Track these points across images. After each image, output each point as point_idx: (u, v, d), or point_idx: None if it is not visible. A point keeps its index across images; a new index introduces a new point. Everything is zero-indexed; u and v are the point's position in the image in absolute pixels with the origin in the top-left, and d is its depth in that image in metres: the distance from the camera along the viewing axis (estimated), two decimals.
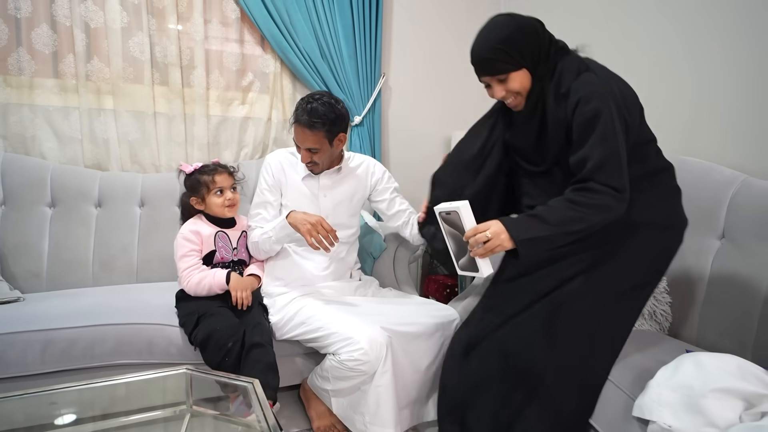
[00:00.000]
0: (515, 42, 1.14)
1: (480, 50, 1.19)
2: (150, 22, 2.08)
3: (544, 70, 1.15)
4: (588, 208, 1.06)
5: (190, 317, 1.46)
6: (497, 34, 1.16)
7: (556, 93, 1.14)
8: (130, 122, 2.10)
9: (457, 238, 1.17)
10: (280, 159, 1.72)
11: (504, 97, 1.20)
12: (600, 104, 1.06)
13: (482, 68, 1.20)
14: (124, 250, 1.97)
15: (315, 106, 1.52)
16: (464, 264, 1.17)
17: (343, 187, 1.74)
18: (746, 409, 0.89)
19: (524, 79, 1.16)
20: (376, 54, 2.44)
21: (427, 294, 2.75)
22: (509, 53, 1.13)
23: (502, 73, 1.16)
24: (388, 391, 1.37)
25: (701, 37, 1.75)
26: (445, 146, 2.77)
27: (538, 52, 1.15)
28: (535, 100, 1.17)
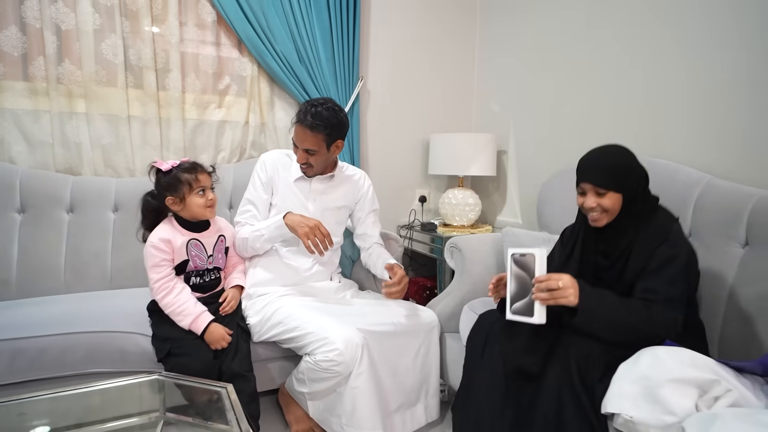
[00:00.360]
0: (625, 171, 1.27)
1: (594, 162, 1.30)
2: (123, 24, 2.05)
3: (640, 209, 1.28)
4: (650, 318, 1.14)
5: (162, 344, 1.42)
6: (615, 158, 1.29)
7: (648, 230, 1.25)
8: (103, 126, 2.06)
9: (521, 281, 1.21)
10: (275, 158, 1.75)
11: (592, 209, 1.29)
12: (678, 254, 1.20)
13: (588, 176, 1.29)
14: (97, 257, 1.93)
15: (320, 110, 1.57)
16: (518, 307, 1.20)
17: (333, 195, 1.76)
18: (701, 396, 0.93)
19: (617, 203, 1.27)
20: (353, 58, 2.45)
21: (407, 296, 2.76)
22: (617, 176, 1.25)
23: (603, 188, 1.26)
24: (363, 393, 1.37)
25: (669, 44, 1.81)
26: (423, 150, 2.79)
27: (636, 188, 1.28)
28: (629, 240, 1.27)
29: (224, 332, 1.46)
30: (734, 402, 0.94)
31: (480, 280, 1.86)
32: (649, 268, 1.21)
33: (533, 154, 2.50)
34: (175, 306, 1.44)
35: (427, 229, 2.56)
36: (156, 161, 1.55)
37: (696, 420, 0.87)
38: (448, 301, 1.81)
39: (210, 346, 1.44)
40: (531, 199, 2.40)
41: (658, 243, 1.21)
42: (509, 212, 2.67)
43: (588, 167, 1.30)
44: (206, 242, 1.57)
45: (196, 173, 1.52)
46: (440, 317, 1.75)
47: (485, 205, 2.78)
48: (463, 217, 2.54)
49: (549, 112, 2.37)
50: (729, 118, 1.64)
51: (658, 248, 1.21)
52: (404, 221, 2.78)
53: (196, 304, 1.47)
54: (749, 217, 1.40)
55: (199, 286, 1.55)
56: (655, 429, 0.94)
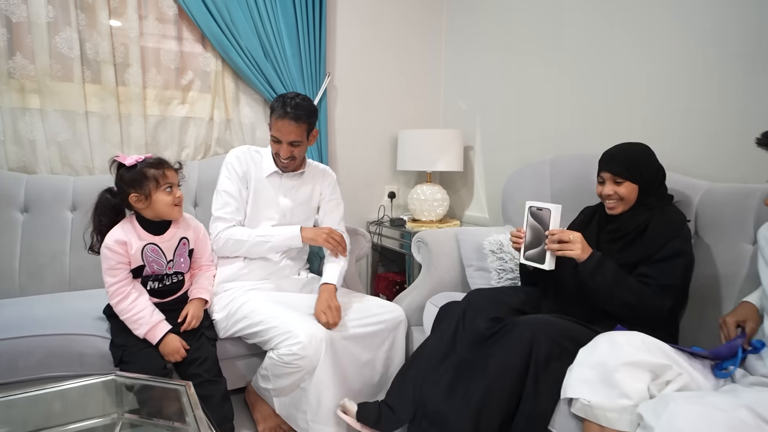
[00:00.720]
0: (644, 164, 1.37)
1: (615, 153, 1.40)
2: (79, 17, 1.98)
3: (653, 201, 1.38)
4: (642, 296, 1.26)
5: (116, 351, 1.38)
6: (635, 151, 1.39)
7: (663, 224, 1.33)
8: (59, 122, 1.99)
9: (536, 232, 1.35)
10: (246, 153, 1.72)
11: (609, 197, 1.39)
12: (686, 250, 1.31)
13: (609, 165, 1.39)
14: (55, 258, 1.87)
15: (297, 101, 1.60)
16: (531, 254, 1.36)
17: (303, 190, 1.76)
18: (653, 380, 0.97)
19: (633, 192, 1.37)
20: (320, 53, 2.43)
21: (377, 291, 2.78)
22: (635, 167, 1.36)
23: (621, 177, 1.36)
24: (328, 388, 1.38)
25: (632, 38, 1.87)
26: (392, 146, 2.81)
27: (653, 182, 1.38)
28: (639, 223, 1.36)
29: (180, 345, 1.39)
30: (684, 385, 0.99)
31: (446, 272, 1.89)
32: (656, 257, 1.30)
33: (498, 149, 2.54)
34: (131, 313, 1.38)
35: (396, 224, 2.58)
36: (119, 155, 1.43)
37: (651, 404, 0.91)
38: (415, 296, 1.83)
39: (164, 357, 1.39)
40: (496, 194, 2.45)
41: (672, 237, 1.30)
42: (476, 207, 2.71)
43: (609, 158, 1.40)
44: (165, 246, 1.47)
45: (164, 169, 1.42)
46: (407, 311, 1.76)
47: (453, 200, 2.82)
48: (431, 213, 2.56)
49: (513, 108, 2.42)
50: (687, 115, 1.71)
51: (670, 241, 1.30)
52: (374, 217, 2.79)
53: (153, 313, 1.41)
54: (698, 207, 1.47)
55: (157, 290, 1.47)
56: (611, 412, 0.98)
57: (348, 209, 2.71)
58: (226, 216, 1.65)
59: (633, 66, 1.85)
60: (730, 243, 1.38)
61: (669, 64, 1.73)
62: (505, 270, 1.74)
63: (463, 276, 1.89)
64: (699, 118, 1.65)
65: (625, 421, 0.96)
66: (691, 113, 1.68)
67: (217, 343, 1.53)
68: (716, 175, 1.57)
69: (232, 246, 1.64)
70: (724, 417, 0.79)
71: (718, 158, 1.60)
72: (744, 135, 1.51)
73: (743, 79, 1.53)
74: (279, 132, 1.60)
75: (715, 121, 1.61)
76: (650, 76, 1.79)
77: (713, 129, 1.62)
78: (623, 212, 1.39)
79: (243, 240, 1.63)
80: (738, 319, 1.14)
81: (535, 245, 1.35)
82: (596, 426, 1.00)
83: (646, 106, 1.81)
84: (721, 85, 1.59)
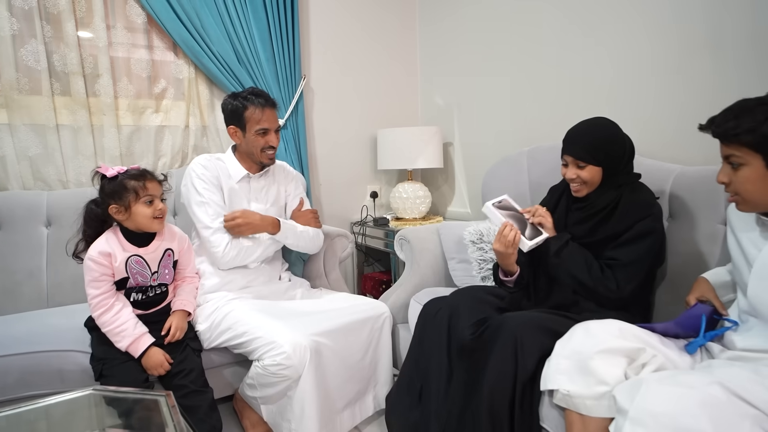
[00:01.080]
0: (608, 145, 1.33)
1: (576, 136, 1.37)
2: (45, 29, 1.94)
3: (622, 179, 1.35)
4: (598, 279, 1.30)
5: (96, 364, 1.35)
6: (597, 132, 1.35)
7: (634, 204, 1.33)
8: (29, 136, 1.95)
9: (515, 218, 1.40)
10: (209, 162, 1.67)
11: (572, 180, 1.38)
12: (656, 228, 1.30)
13: (570, 149, 1.36)
14: (32, 275, 1.83)
15: (262, 91, 1.65)
16: (528, 235, 1.38)
17: (271, 191, 1.76)
18: (629, 364, 0.98)
19: (596, 176, 1.35)
20: (294, 56, 2.42)
21: (364, 291, 2.78)
22: (597, 150, 1.32)
23: (583, 161, 1.33)
24: (312, 397, 1.36)
25: (601, 33, 1.90)
26: (372, 146, 2.81)
27: (617, 162, 1.34)
28: (608, 202, 1.35)
29: (164, 358, 1.37)
30: (660, 366, 1.00)
31: (430, 268, 1.90)
32: (623, 239, 1.30)
33: (477, 144, 2.56)
34: (114, 325, 1.35)
35: (380, 224, 2.58)
36: (101, 166, 1.42)
37: (624, 387, 0.92)
38: (400, 293, 1.83)
39: (146, 371, 1.36)
40: (478, 189, 2.46)
41: (640, 217, 1.29)
42: (458, 202, 2.73)
43: (570, 140, 1.37)
44: (150, 258, 1.44)
45: (145, 181, 1.40)
46: (392, 309, 1.76)
47: (435, 196, 2.83)
48: (414, 210, 2.57)
49: (490, 101, 2.44)
50: (652, 102, 1.74)
51: (638, 222, 1.29)
52: (357, 218, 2.78)
53: (136, 325, 1.38)
54: (671, 191, 1.50)
55: (141, 302, 1.45)
56: (590, 400, 0.99)
57: (330, 211, 2.73)
58: (220, 233, 1.58)
59: (604, 56, 1.87)
60: (704, 224, 1.41)
61: (637, 53, 1.76)
62: (486, 260, 1.75)
63: (446, 271, 1.90)
64: (667, 104, 1.68)
65: (603, 407, 0.97)
66: (660, 100, 1.71)
67: (203, 353, 1.51)
68: (685, 158, 1.60)
69: (245, 253, 1.61)
70: (696, 394, 0.80)
71: (685, 142, 1.63)
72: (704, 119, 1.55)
73: (709, 65, 1.56)
74: (268, 121, 1.62)
75: (682, 106, 1.64)
76: (620, 65, 1.82)
77: (680, 114, 1.65)
78: (589, 193, 1.38)
79: (250, 249, 1.61)
80: (697, 296, 1.17)
81: (524, 228, 1.39)
82: (576, 415, 1.01)
83: (618, 93, 1.84)
84: (687, 72, 1.62)
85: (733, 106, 1.00)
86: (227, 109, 1.67)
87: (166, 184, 1.49)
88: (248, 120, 1.61)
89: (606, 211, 1.35)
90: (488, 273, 1.75)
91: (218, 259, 1.59)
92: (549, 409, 1.13)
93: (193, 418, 1.32)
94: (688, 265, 1.41)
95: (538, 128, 2.18)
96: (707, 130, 1.03)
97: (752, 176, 0.97)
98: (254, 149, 1.66)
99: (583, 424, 0.99)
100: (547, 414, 1.14)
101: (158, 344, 1.40)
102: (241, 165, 1.70)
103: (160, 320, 1.46)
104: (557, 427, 1.11)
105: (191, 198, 1.61)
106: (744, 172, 0.98)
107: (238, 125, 1.65)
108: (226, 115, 1.69)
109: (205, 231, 1.59)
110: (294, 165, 2.43)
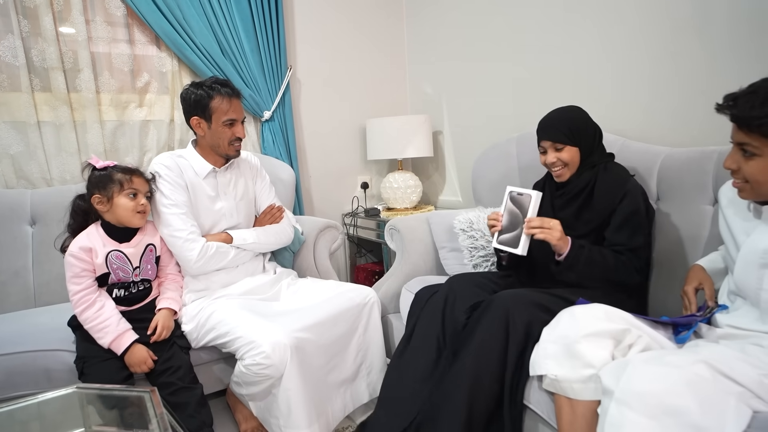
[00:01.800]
0: (580, 126, 1.39)
1: (550, 121, 1.42)
2: (21, 24, 1.90)
3: (596, 160, 1.40)
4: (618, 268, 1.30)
5: (79, 362, 1.33)
6: (569, 115, 1.41)
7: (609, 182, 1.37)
8: (9, 134, 1.92)
9: (513, 217, 1.35)
10: (171, 160, 1.57)
11: (553, 164, 1.41)
12: (640, 203, 1.33)
13: (547, 133, 1.40)
14: (17, 275, 1.80)
15: (227, 80, 1.60)
16: (505, 239, 1.35)
17: (239, 184, 1.71)
18: (616, 346, 0.98)
19: (575, 156, 1.39)
20: (280, 47, 2.39)
21: (357, 282, 2.76)
22: (572, 130, 1.38)
23: (561, 143, 1.38)
24: (297, 393, 1.35)
25: (590, 18, 1.88)
26: (361, 136, 2.78)
27: (592, 142, 1.41)
28: (586, 182, 1.39)
29: (147, 356, 1.35)
30: (646, 346, 1.00)
31: (420, 257, 1.89)
32: (615, 224, 1.34)
33: (467, 132, 2.54)
34: (96, 322, 1.33)
35: (371, 214, 2.56)
36: (92, 157, 1.42)
37: (610, 368, 0.92)
38: (391, 283, 1.83)
39: (129, 368, 1.34)
40: (468, 176, 2.45)
41: (619, 199, 1.33)
42: (449, 191, 2.71)
43: (545, 126, 1.42)
44: (131, 253, 1.42)
45: (132, 175, 1.41)
46: (384, 299, 1.76)
47: (426, 186, 2.82)
48: (405, 200, 2.56)
49: (479, 89, 2.42)
50: (639, 84, 1.72)
51: (620, 204, 1.32)
52: (348, 209, 2.77)
53: (119, 322, 1.36)
54: (659, 173, 1.49)
55: (124, 298, 1.43)
56: (577, 383, 0.99)
57: (321, 202, 2.71)
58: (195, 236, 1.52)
59: (590, 42, 1.86)
60: (692, 206, 1.40)
61: (627, 37, 1.74)
62: (477, 248, 1.74)
63: (437, 260, 1.89)
64: (656, 87, 1.67)
65: (590, 390, 0.96)
66: (648, 83, 1.69)
67: (191, 351, 1.50)
68: (672, 140, 1.59)
69: (215, 259, 1.56)
70: (681, 374, 0.80)
71: (673, 124, 1.62)
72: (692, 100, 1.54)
73: (697, 46, 1.55)
74: (236, 111, 1.57)
75: (669, 88, 1.63)
76: (607, 51, 1.80)
77: (669, 96, 1.64)
78: (570, 177, 1.41)
79: (224, 252, 1.58)
80: (695, 286, 1.16)
81: (510, 230, 1.35)
82: (565, 399, 1.01)
83: (605, 79, 1.82)
84: (676, 54, 1.61)
85: (758, 89, 0.90)
86: (189, 99, 1.55)
87: (154, 184, 1.50)
88: (215, 110, 1.53)
89: (586, 191, 1.38)
90: (480, 261, 1.74)
91: (189, 264, 1.52)
92: (539, 394, 1.13)
93: (183, 414, 1.31)
94: (677, 246, 1.41)
95: (527, 114, 2.17)
96: (725, 111, 0.94)
97: (766, 168, 0.91)
98: (221, 141, 1.57)
99: (572, 408, 0.99)
100: (537, 399, 1.14)
101: (145, 343, 1.39)
102: (204, 160, 1.61)
103: (144, 317, 1.44)
104: (548, 413, 1.11)
105: (158, 201, 1.52)
106: (758, 163, 0.92)
107: (202, 116, 1.55)
108: (188, 106, 1.56)
109: (178, 234, 1.50)
110: (282, 157, 2.41)
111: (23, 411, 1.03)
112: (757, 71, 1.39)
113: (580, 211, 1.39)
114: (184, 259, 1.53)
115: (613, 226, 1.34)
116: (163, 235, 1.53)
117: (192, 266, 1.53)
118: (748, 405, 0.81)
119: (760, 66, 1.39)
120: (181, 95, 1.59)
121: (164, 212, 1.51)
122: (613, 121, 1.78)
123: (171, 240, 1.52)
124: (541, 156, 1.44)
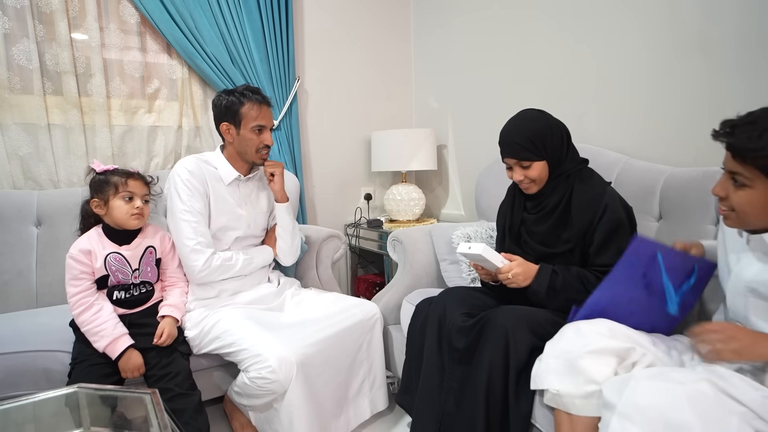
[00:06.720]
0: (545, 136, 1.27)
1: (511, 136, 1.30)
2: (37, 28, 1.93)
3: (569, 168, 1.30)
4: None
5: (72, 363, 1.33)
6: (528, 126, 1.29)
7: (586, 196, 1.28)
8: (20, 136, 1.94)
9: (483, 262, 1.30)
10: (195, 165, 1.57)
11: (521, 181, 1.32)
12: (622, 216, 1.25)
13: (509, 152, 1.30)
14: (21, 275, 1.81)
15: (258, 88, 1.63)
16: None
17: (260, 197, 1.72)
18: (620, 364, 0.98)
19: (543, 170, 1.30)
20: (289, 57, 2.43)
21: (358, 293, 2.77)
22: (536, 144, 1.26)
23: (527, 161, 1.28)
24: (300, 410, 1.34)
25: (592, 34, 1.91)
26: (366, 148, 2.81)
27: (560, 150, 1.29)
28: (561, 196, 1.30)
29: (141, 362, 1.35)
30: (650, 364, 1.00)
31: (422, 269, 1.89)
32: (598, 242, 1.25)
33: (471, 146, 2.56)
34: (92, 324, 1.33)
35: (374, 225, 2.57)
36: (94, 162, 1.45)
37: (612, 382, 0.92)
38: (392, 294, 1.83)
39: (122, 373, 1.34)
40: (471, 190, 2.46)
41: (599, 215, 1.24)
42: (452, 204, 2.73)
43: (507, 142, 1.31)
44: (130, 255, 1.43)
45: (128, 178, 1.42)
46: (385, 310, 1.76)
47: (429, 199, 2.83)
48: (408, 212, 2.57)
49: (484, 103, 2.44)
50: (642, 103, 1.74)
51: (600, 221, 1.24)
52: (351, 220, 2.78)
53: (116, 326, 1.36)
54: (661, 192, 1.50)
55: (125, 301, 1.43)
56: (579, 399, 0.99)
57: (325, 212, 2.72)
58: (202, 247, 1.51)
59: (598, 58, 1.88)
60: (694, 225, 1.41)
61: (630, 55, 1.76)
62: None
63: (438, 272, 1.89)
64: (659, 106, 1.69)
65: (592, 406, 0.96)
66: (652, 102, 1.71)
67: (192, 356, 1.49)
68: (675, 159, 1.61)
69: (220, 272, 1.55)
70: (684, 389, 0.79)
71: (676, 143, 1.64)
72: (695, 120, 1.56)
73: (701, 67, 1.57)
74: (265, 118, 1.57)
75: (673, 108, 1.65)
76: (612, 69, 1.83)
77: (671, 116, 1.65)
78: (542, 189, 1.33)
79: (232, 265, 1.57)
80: (684, 243, 1.16)
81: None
82: (565, 414, 1.00)
83: (610, 96, 1.84)
84: (679, 74, 1.63)
85: (757, 120, 0.88)
86: (221, 104, 1.57)
87: (156, 188, 1.50)
88: (244, 116, 1.55)
89: (561, 205, 1.30)
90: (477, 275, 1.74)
91: (193, 273, 1.52)
92: (540, 409, 1.13)
93: (180, 420, 1.30)
94: None
95: None
96: (721, 139, 0.92)
97: (755, 200, 0.90)
98: (248, 148, 1.59)
99: (571, 424, 0.99)
100: (538, 413, 1.14)
101: (146, 345, 1.39)
102: (231, 166, 1.62)
103: (145, 321, 1.44)
104: (549, 427, 1.10)
105: (174, 206, 1.52)
106: (747, 194, 0.90)
107: (232, 122, 1.57)
108: (219, 112, 1.59)
109: (186, 242, 1.50)
110: (288, 166, 2.43)
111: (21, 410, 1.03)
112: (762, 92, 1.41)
113: (556, 229, 1.32)
114: (189, 267, 1.53)
115: (596, 246, 1.26)
116: (173, 238, 1.55)
117: (195, 275, 1.53)
118: (751, 425, 0.80)
119: (765, 87, 1.41)
120: (213, 101, 1.63)
121: (178, 217, 1.52)
122: (617, 139, 1.80)
123: (179, 246, 1.54)
124: (507, 171, 1.35)
